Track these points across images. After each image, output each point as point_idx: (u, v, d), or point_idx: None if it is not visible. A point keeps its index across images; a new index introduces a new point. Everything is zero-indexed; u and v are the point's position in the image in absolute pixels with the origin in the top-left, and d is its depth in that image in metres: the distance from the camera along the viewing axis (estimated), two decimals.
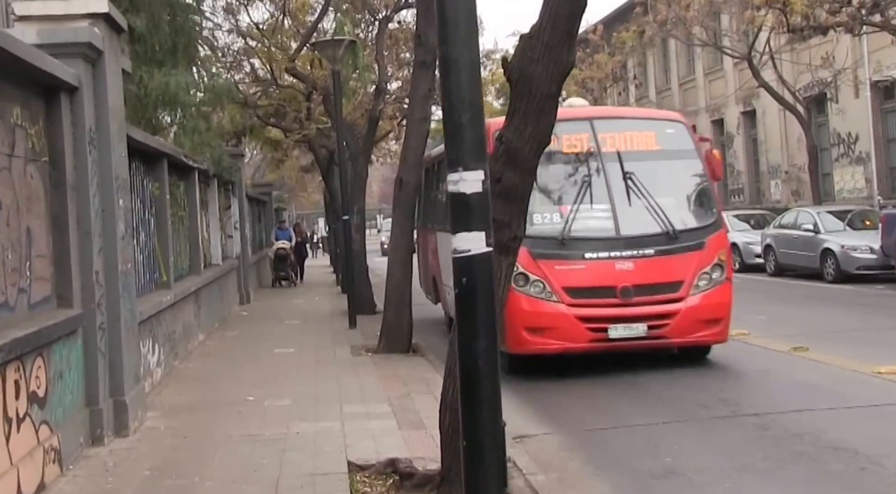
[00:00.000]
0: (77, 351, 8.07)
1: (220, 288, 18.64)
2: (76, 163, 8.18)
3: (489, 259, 3.97)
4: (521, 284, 11.43)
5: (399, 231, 13.90)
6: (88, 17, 8.54)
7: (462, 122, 3.97)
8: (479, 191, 3.97)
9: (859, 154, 30.98)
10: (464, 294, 3.98)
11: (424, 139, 13.88)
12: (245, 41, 25.62)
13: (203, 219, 17.77)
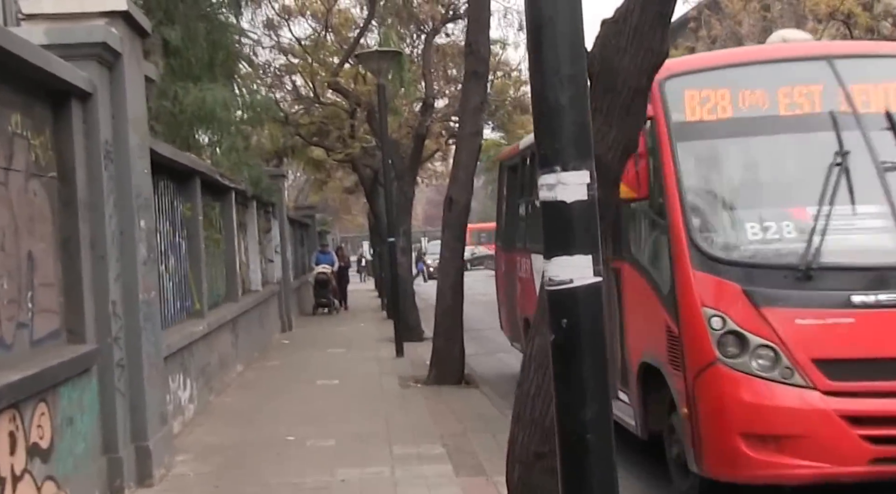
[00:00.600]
0: (91, 392, 7.07)
1: (260, 316, 17.68)
2: (90, 179, 7.21)
3: (598, 292, 2.89)
4: (735, 353, 6.61)
5: (449, 254, 12.86)
6: (104, 15, 7.60)
7: (559, 104, 2.87)
8: (584, 199, 2.90)
9: None
10: (563, 341, 2.88)
11: (476, 155, 12.85)
12: (286, 58, 24.78)
13: (241, 242, 16.83)
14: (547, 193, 2.91)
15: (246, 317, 15.59)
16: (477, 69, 12.24)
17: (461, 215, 12.74)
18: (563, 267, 2.89)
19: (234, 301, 14.77)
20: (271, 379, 14.17)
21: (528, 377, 5.14)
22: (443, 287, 12.89)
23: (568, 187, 2.89)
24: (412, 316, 18.75)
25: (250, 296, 16.71)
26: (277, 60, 25.42)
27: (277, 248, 20.91)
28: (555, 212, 2.91)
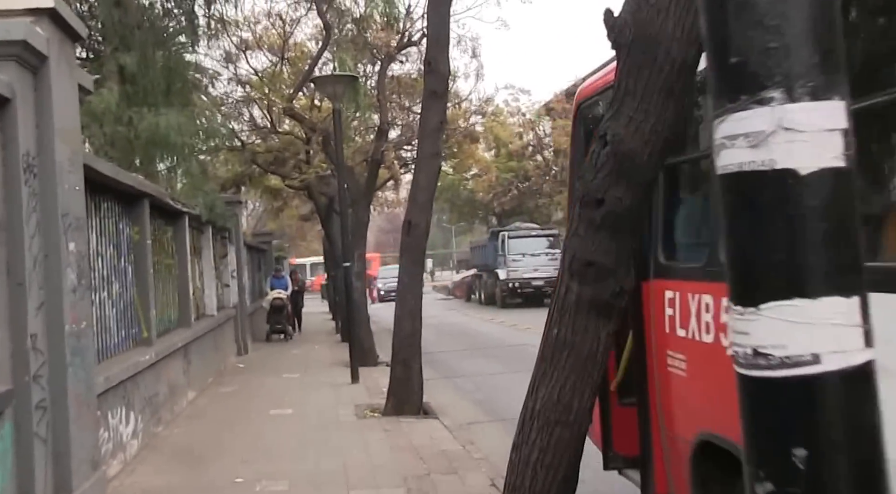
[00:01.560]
0: (4, 439, 5.61)
1: (215, 340, 16.16)
2: (6, 196, 5.78)
3: (871, 384, 1.46)
4: None
5: (408, 278, 11.49)
6: (29, 13, 6.18)
7: None
8: (838, 170, 1.39)
9: None
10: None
11: (436, 177, 11.54)
12: (244, 89, 23.33)
13: (195, 267, 15.34)
14: (741, 154, 1.41)
15: (200, 343, 14.09)
16: (436, 88, 10.95)
17: (420, 239, 11.40)
18: (791, 329, 1.35)
19: (186, 326, 13.27)
20: (223, 407, 12.67)
21: (527, 439, 3.85)
22: (401, 313, 11.51)
23: (802, 140, 1.36)
24: (367, 340, 17.35)
25: (205, 321, 15.21)
26: (235, 92, 23.98)
27: (234, 273, 19.41)
28: (764, 197, 1.39)
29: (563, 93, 40.58)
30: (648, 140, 3.53)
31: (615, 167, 3.63)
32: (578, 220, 3.83)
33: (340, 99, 14.62)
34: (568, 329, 3.90)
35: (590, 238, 3.76)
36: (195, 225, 15.33)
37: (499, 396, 13.79)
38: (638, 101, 3.51)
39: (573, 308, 3.86)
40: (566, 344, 3.91)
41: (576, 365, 3.91)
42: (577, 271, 3.83)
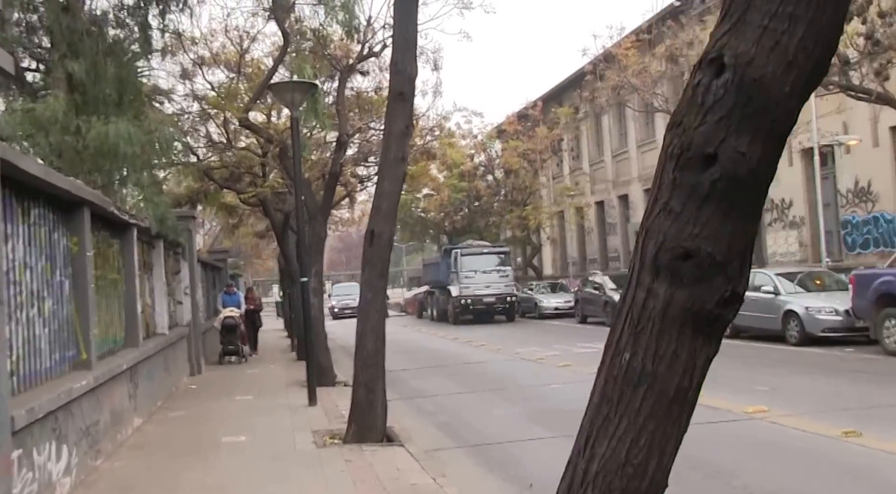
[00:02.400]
0: None
1: (166, 361, 14.66)
2: None
3: None
4: None
5: (371, 294, 10.16)
6: None
7: None
8: None
9: (793, 219, 28.21)
10: None
11: (401, 183, 10.26)
12: (200, 105, 21.85)
13: (145, 283, 13.87)
14: None
15: (148, 364, 12.61)
16: (402, 89, 9.70)
17: (384, 250, 10.10)
18: None
19: (133, 347, 11.80)
20: (172, 434, 11.20)
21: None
22: (363, 331, 10.17)
23: None
24: (324, 359, 15.96)
25: (154, 341, 13.72)
26: (192, 107, 22.48)
27: (187, 290, 17.89)
28: None
29: (515, 116, 39.62)
30: (794, 62, 2.29)
31: (737, 105, 2.38)
32: (671, 190, 2.51)
33: (298, 107, 13.31)
34: (647, 354, 2.59)
35: (690, 215, 2.45)
36: (145, 238, 13.88)
37: (463, 418, 12.52)
38: (778, 2, 2.28)
39: (657, 322, 2.56)
40: (643, 377, 2.61)
41: (656, 408, 2.62)
42: (667, 266, 2.51)
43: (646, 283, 2.56)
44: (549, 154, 39.65)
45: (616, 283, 30.58)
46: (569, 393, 14.35)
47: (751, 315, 21.31)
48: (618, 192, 39.34)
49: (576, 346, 22.19)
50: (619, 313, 2.69)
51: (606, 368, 2.70)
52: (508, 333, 29.41)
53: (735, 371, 16.02)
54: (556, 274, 44.61)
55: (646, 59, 25.05)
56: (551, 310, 35.23)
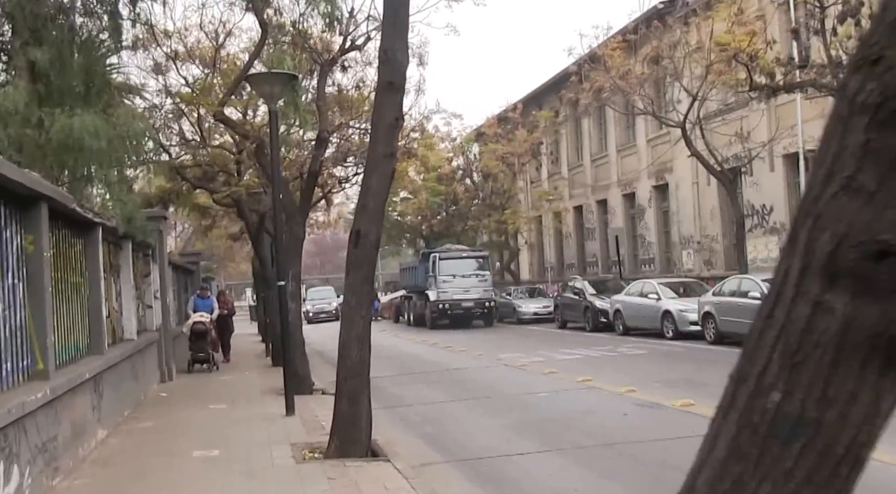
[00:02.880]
0: None
1: (134, 368, 13.77)
2: None
3: None
4: None
5: (355, 299, 9.35)
6: None
7: None
8: None
9: (774, 224, 27.68)
10: None
11: (389, 180, 9.46)
12: (174, 101, 20.93)
13: (112, 286, 12.99)
14: None
15: (115, 372, 11.73)
16: (392, 79, 8.92)
17: (371, 251, 9.31)
18: None
19: (98, 354, 10.93)
20: (140, 448, 10.33)
21: None
22: (347, 338, 9.36)
23: None
24: (302, 367, 15.12)
25: (121, 347, 12.84)
26: (165, 103, 21.54)
27: (157, 294, 16.99)
28: None
29: (495, 118, 38.92)
30: None
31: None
32: (861, 158, 1.64)
33: (277, 100, 12.50)
34: (810, 395, 1.70)
35: (891, 195, 1.62)
36: (112, 239, 13.01)
37: (449, 429, 11.76)
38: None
39: (829, 350, 1.68)
40: (801, 427, 1.73)
41: (818, 471, 1.74)
42: (852, 269, 1.64)
43: (812, 294, 1.68)
44: (528, 157, 38.96)
45: (596, 288, 29.97)
46: (556, 402, 13.63)
47: (737, 320, 20.74)
48: (596, 197, 38.73)
49: (558, 352, 21.47)
50: (762, 335, 1.81)
51: (740, 412, 1.81)
52: (488, 338, 28.66)
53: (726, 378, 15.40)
54: (534, 280, 43.92)
55: (630, 61, 24.44)
56: (530, 316, 34.54)
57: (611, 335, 26.35)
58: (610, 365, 18.49)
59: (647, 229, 34.88)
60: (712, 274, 29.68)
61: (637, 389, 14.19)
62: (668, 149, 32.58)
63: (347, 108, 19.41)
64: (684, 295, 24.97)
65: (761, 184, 27.74)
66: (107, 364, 10.96)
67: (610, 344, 23.20)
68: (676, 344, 22.15)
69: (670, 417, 11.65)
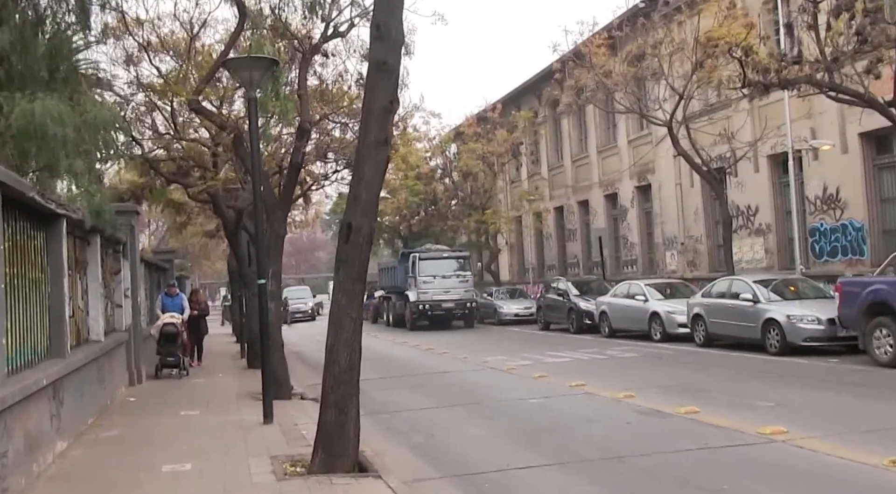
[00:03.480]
0: None
1: (101, 371, 12.72)
2: None
3: None
4: None
5: (345, 299, 8.39)
6: None
7: None
8: None
9: (759, 225, 26.97)
10: None
11: (383, 169, 8.53)
12: (146, 95, 19.81)
13: (78, 284, 11.94)
14: None
15: (78, 376, 10.70)
16: (386, 58, 7.99)
17: (362, 248, 8.34)
18: None
19: (59, 357, 9.89)
20: (103, 461, 9.30)
21: None
22: (335, 342, 8.39)
23: None
24: (280, 370, 14.12)
25: (86, 349, 11.79)
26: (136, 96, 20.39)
27: (128, 292, 15.91)
28: None
29: (475, 117, 38.03)
30: None
31: None
32: None
33: (257, 87, 11.51)
34: None
35: None
36: (79, 233, 11.96)
37: (441, 440, 10.83)
38: None
39: None
40: None
41: None
42: None
43: None
44: (508, 157, 38.08)
45: (579, 289, 29.17)
46: (552, 409, 12.72)
47: (728, 323, 20.00)
48: (578, 198, 37.95)
49: (545, 355, 20.60)
50: None
51: None
52: (470, 340, 27.75)
53: (725, 383, 14.60)
54: (514, 281, 43.08)
55: (614, 59, 23.62)
56: (511, 317, 33.70)
57: (596, 337, 25.54)
58: (601, 369, 17.64)
59: (630, 230, 34.14)
60: (696, 275, 29.00)
61: (635, 394, 13.35)
62: (651, 149, 31.88)
63: (329, 101, 18.40)
64: (671, 296, 24.24)
65: (746, 184, 27.05)
66: (68, 368, 9.93)
67: (597, 347, 22.37)
68: (665, 347, 21.37)
69: (677, 426, 10.78)
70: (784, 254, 26.14)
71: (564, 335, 27.59)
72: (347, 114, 19.51)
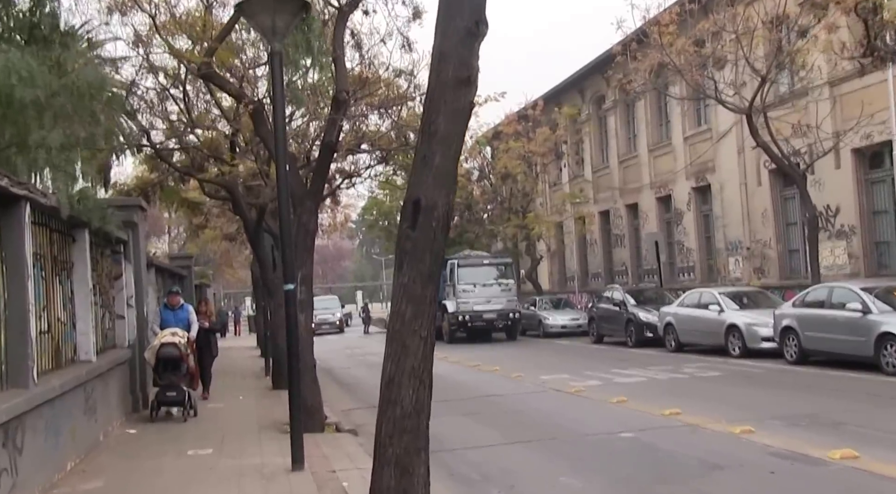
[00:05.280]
0: None
1: (90, 399, 10.16)
2: None
3: None
4: None
5: (411, 309, 5.74)
6: None
7: None
8: None
9: (841, 227, 24.09)
10: None
11: (464, 121, 5.87)
12: (156, 78, 17.28)
13: (58, 289, 9.39)
14: None
15: (51, 411, 8.15)
16: None
17: (437, 234, 5.70)
18: None
19: (19, 387, 7.34)
20: None
21: None
22: (396, 374, 5.75)
23: None
24: (312, 395, 11.51)
25: (68, 373, 9.23)
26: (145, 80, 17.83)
27: (131, 300, 13.36)
28: None
29: (515, 115, 35.32)
30: None
31: None
32: None
33: (282, 38, 8.94)
34: None
35: None
36: (57, 226, 9.42)
37: None
38: None
39: None
40: None
41: None
42: None
43: None
44: (551, 157, 35.34)
45: (635, 299, 26.43)
46: (655, 447, 9.99)
47: (828, 337, 17.18)
48: (626, 201, 35.17)
49: (612, 373, 17.88)
50: None
51: None
52: (517, 355, 25.05)
53: (859, 412, 11.76)
54: (553, 290, 40.30)
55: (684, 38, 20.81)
56: (557, 329, 30.97)
57: (661, 351, 22.76)
58: (688, 392, 14.90)
59: (686, 234, 31.30)
60: (764, 282, 26.16)
61: (754, 428, 10.62)
62: (711, 146, 29.12)
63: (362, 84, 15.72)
64: (748, 306, 21.44)
65: (825, 182, 24.16)
66: (32, 403, 7.37)
67: (668, 363, 19.60)
68: (749, 364, 18.58)
69: (842, 479, 8.06)
70: (871, 259, 23.26)
71: (622, 349, 24.82)
72: (385, 101, 16.83)
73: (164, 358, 12.55)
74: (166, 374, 12.60)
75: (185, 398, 12.69)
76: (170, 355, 12.55)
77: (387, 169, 21.57)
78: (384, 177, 22.97)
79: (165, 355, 12.55)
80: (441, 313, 32.24)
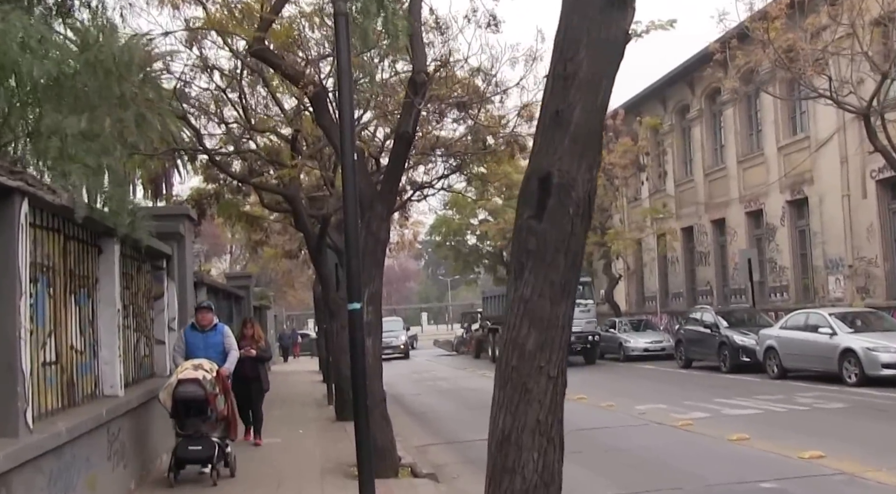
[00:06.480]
0: None
1: (116, 442, 8.38)
2: None
3: None
4: None
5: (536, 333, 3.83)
6: None
7: None
8: None
9: None
10: None
11: (617, 59, 3.97)
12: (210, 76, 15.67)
13: (70, 310, 7.65)
14: None
15: (57, 462, 6.40)
16: None
17: (576, 226, 3.81)
18: None
19: (5, 436, 5.59)
20: None
21: None
22: (513, 430, 3.86)
23: None
24: (383, 434, 9.64)
25: (82, 413, 7.47)
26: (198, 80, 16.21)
27: (173, 323, 11.61)
28: None
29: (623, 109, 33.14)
30: None
31: None
32: None
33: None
34: None
35: None
36: (78, 234, 7.72)
37: None
38: None
39: None
40: None
41: None
42: None
43: None
44: (632, 170, 33.17)
45: (727, 320, 24.12)
46: None
47: None
48: (711, 216, 32.77)
49: (716, 404, 15.70)
50: None
51: None
52: (600, 380, 22.89)
53: None
54: (630, 311, 37.95)
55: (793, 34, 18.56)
56: (639, 352, 28.80)
57: (760, 377, 20.46)
58: (817, 428, 12.70)
59: (779, 252, 28.78)
60: (869, 303, 23.60)
61: None
62: (809, 155, 26.67)
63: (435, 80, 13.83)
64: (862, 329, 19.06)
65: None
66: (21, 457, 5.59)
67: (777, 392, 17.31)
68: (871, 394, 16.24)
69: None
70: None
71: (715, 374, 22.53)
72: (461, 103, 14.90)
73: (184, 400, 9.25)
74: (190, 421, 9.36)
75: (214, 452, 9.38)
76: (191, 395, 9.22)
77: (460, 179, 19.73)
78: (457, 188, 21.15)
79: (184, 395, 9.22)
80: None
